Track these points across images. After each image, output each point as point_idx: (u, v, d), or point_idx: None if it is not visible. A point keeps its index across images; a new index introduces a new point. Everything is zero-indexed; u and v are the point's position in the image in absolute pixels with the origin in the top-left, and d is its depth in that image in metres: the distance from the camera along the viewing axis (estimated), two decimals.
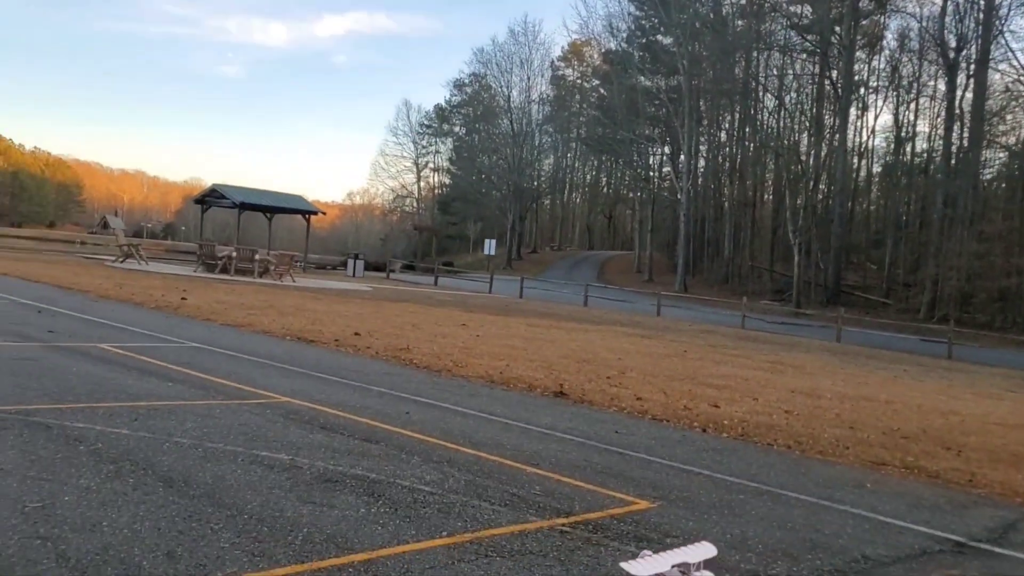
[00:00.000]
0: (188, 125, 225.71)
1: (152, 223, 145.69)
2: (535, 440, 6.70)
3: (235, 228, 49.03)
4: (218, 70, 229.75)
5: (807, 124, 57.44)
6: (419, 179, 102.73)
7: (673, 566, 3.89)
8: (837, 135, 53.07)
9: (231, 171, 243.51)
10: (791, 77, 57.92)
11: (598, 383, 10.24)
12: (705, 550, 4.02)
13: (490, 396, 8.80)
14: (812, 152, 54.93)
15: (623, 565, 3.52)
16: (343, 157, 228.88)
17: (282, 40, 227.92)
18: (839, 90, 52.28)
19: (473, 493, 4.86)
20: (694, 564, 3.86)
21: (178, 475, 4.61)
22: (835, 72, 52.97)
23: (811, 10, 54.57)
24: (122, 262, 31.09)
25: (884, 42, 56.45)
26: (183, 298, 17.09)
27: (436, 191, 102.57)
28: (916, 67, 54.25)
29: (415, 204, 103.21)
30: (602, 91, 77.71)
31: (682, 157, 60.50)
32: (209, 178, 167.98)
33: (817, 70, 55.44)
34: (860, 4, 52.04)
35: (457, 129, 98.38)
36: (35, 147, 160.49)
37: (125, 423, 5.75)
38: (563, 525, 4.42)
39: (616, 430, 7.55)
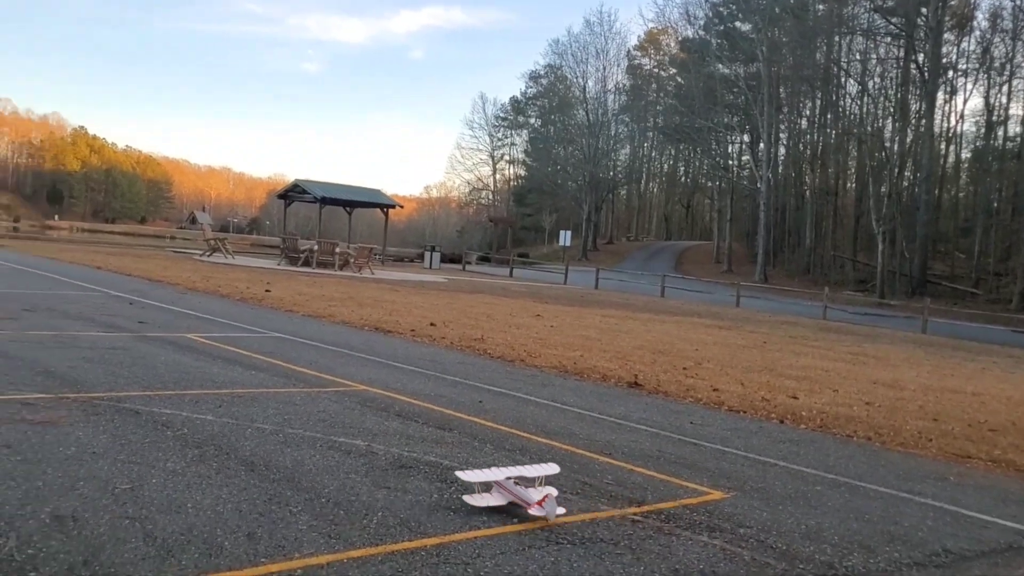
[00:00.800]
0: (271, 121, 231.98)
1: (238, 218, 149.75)
2: (608, 430, 6.70)
3: (317, 222, 50.06)
4: (299, 67, 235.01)
5: (891, 109, 55.77)
6: (495, 171, 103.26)
7: (509, 478, 3.97)
8: (923, 120, 51.41)
9: (313, 166, 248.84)
10: (875, 61, 56.31)
11: (674, 374, 10.17)
12: (549, 468, 4.12)
13: (563, 386, 8.82)
14: (897, 138, 53.35)
15: (458, 474, 3.62)
16: (420, 151, 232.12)
17: (360, 36, 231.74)
18: (925, 73, 50.63)
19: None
20: (536, 479, 3.97)
21: (259, 460, 4.76)
22: (921, 55, 51.30)
23: None
24: (209, 256, 32.03)
25: (974, 23, 54.41)
26: (267, 290, 17.54)
27: (511, 183, 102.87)
28: (1009, 48, 52.20)
29: (491, 196, 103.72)
30: (679, 80, 76.78)
31: (761, 145, 59.46)
32: (292, 173, 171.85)
33: (902, 53, 53.78)
34: None
35: (533, 121, 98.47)
36: (127, 145, 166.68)
37: (210, 409, 5.95)
38: (634, 514, 4.42)
39: (691, 421, 7.50)
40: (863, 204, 54.82)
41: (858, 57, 57.81)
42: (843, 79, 59.77)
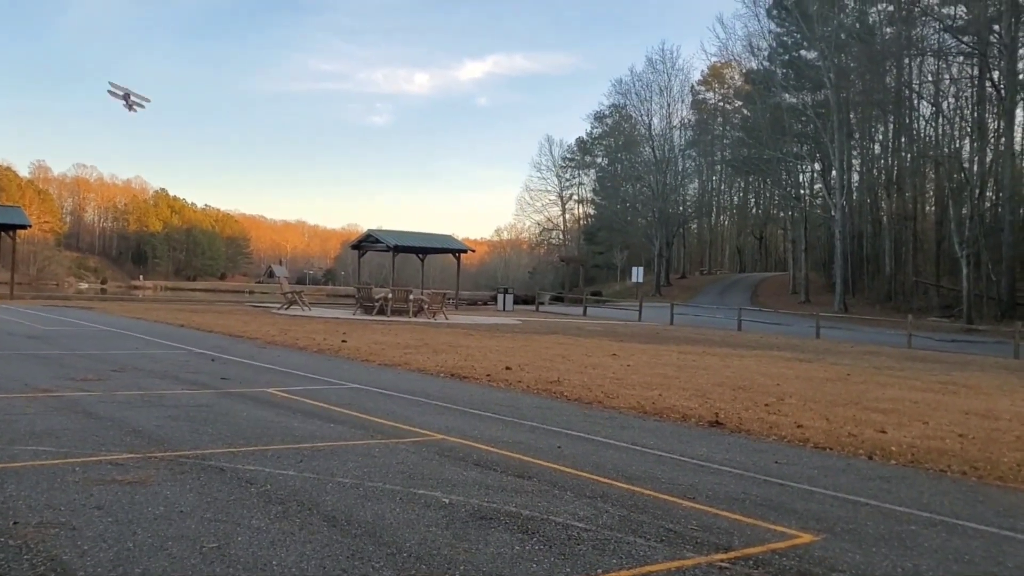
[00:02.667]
0: (343, 174, 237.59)
1: (313, 270, 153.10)
2: (690, 472, 6.56)
3: (390, 270, 50.80)
4: (368, 120, 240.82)
5: (968, 129, 54.27)
6: (564, 211, 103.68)
7: None
8: (1003, 138, 49.86)
9: (384, 215, 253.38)
10: (948, 82, 54.97)
11: (755, 411, 9.94)
12: None
13: (642, 428, 8.70)
14: (976, 158, 51.82)
15: None
16: (489, 195, 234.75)
17: (426, 87, 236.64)
18: (1002, 91, 49.22)
19: (628, 529, 4.80)
20: None
21: (341, 514, 4.79)
22: (996, 73, 49.90)
23: (965, 10, 51.71)
24: (287, 309, 32.71)
25: None
26: (343, 341, 17.80)
27: (581, 222, 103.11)
28: None
29: (561, 236, 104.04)
30: (745, 112, 76.20)
31: (833, 173, 58.44)
32: (364, 223, 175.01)
33: (976, 72, 52.36)
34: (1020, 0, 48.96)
35: (599, 160, 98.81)
36: (206, 204, 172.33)
37: (291, 464, 6.02)
38: (722, 561, 4.30)
39: (776, 460, 7.30)
40: (944, 227, 53.24)
41: (930, 78, 56.57)
42: (916, 101, 58.51)
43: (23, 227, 40.62)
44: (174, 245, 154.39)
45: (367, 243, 46.01)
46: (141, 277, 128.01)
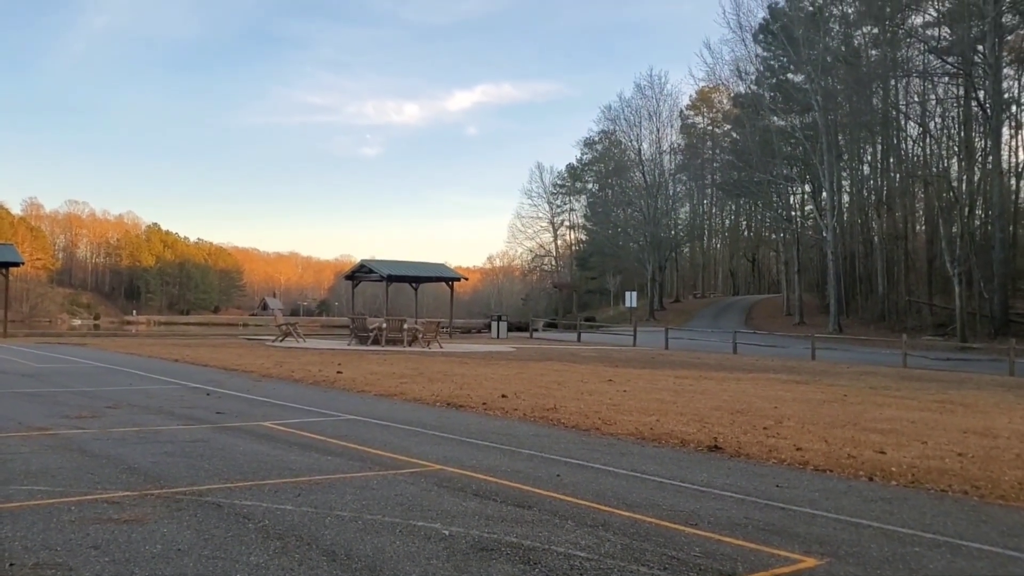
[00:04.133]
0: (335, 205, 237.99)
1: (307, 301, 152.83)
2: (691, 498, 6.52)
3: (384, 300, 50.79)
4: (359, 151, 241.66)
5: (956, 149, 54.66)
6: (555, 237, 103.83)
7: None
8: (990, 157, 50.21)
9: (377, 244, 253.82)
10: (934, 102, 55.37)
11: (754, 434, 9.91)
12: None
13: (641, 454, 8.66)
14: (964, 177, 52.12)
15: None
16: (481, 222, 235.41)
17: (416, 118, 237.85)
18: (988, 111, 49.61)
19: (631, 557, 4.77)
20: None
21: (340, 548, 4.74)
22: (982, 92, 50.33)
23: (949, 32, 52.26)
24: (281, 341, 32.60)
25: None
26: (338, 372, 17.74)
27: (573, 248, 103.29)
28: None
29: (553, 262, 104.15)
30: (734, 135, 76.57)
31: (824, 194, 58.70)
32: (357, 254, 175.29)
33: (962, 92, 52.79)
34: (1003, 20, 49.46)
35: (590, 186, 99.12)
36: (199, 238, 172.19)
37: (289, 499, 5.97)
38: None
39: (776, 484, 7.27)
40: (935, 246, 53.46)
41: (916, 99, 56.98)
42: (903, 122, 58.89)
43: (16, 264, 40.46)
44: (167, 279, 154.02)
45: (361, 273, 46.01)
46: (135, 312, 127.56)
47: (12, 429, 9.15)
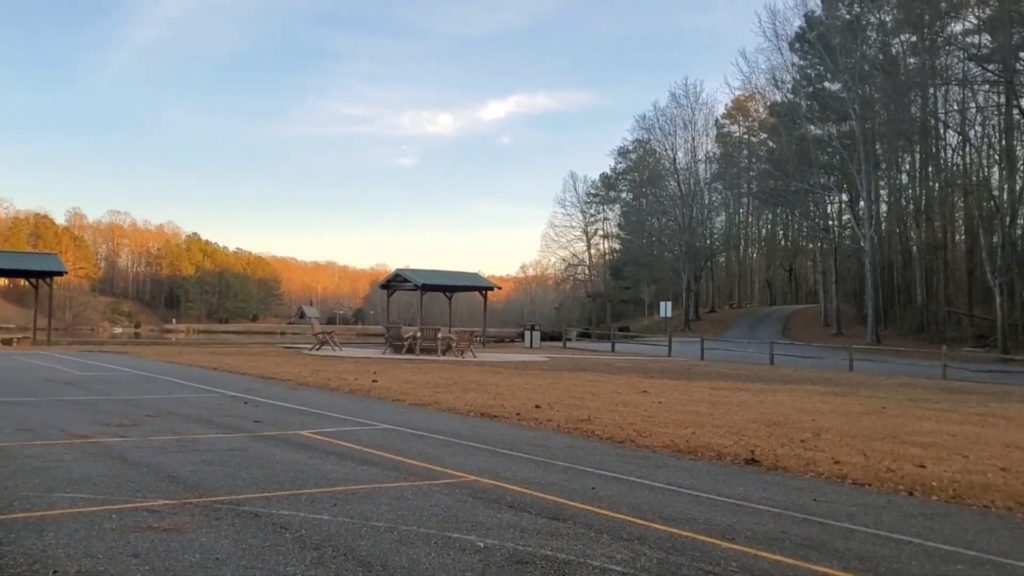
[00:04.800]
0: (371, 214, 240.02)
1: (343, 309, 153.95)
2: (728, 512, 6.47)
3: (418, 308, 51.01)
4: (395, 161, 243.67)
5: (996, 157, 53.82)
6: (589, 246, 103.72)
7: None
8: None
9: (412, 254, 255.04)
10: (974, 110, 54.57)
11: (791, 447, 9.81)
12: None
13: (677, 467, 8.61)
14: (1006, 186, 51.29)
15: None
16: (514, 231, 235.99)
17: (450, 128, 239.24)
18: None
19: (667, 571, 4.74)
20: None
21: (376, 560, 4.76)
22: (1023, 100, 49.53)
23: (990, 39, 51.47)
24: (318, 349, 32.87)
25: None
26: (374, 380, 17.84)
27: (607, 257, 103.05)
28: None
29: (586, 271, 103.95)
30: (771, 144, 76.06)
31: (861, 203, 58.05)
32: (393, 263, 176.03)
33: (1003, 100, 52.00)
34: None
35: (624, 195, 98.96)
36: (238, 248, 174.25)
37: (326, 508, 6.02)
38: None
39: (814, 498, 7.19)
40: (975, 256, 52.61)
41: (956, 107, 56.20)
42: (942, 130, 58.10)
43: (59, 274, 41.27)
44: (206, 288, 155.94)
45: (396, 282, 46.33)
46: (174, 321, 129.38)
47: (55, 437, 9.31)
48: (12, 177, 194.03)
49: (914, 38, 58.85)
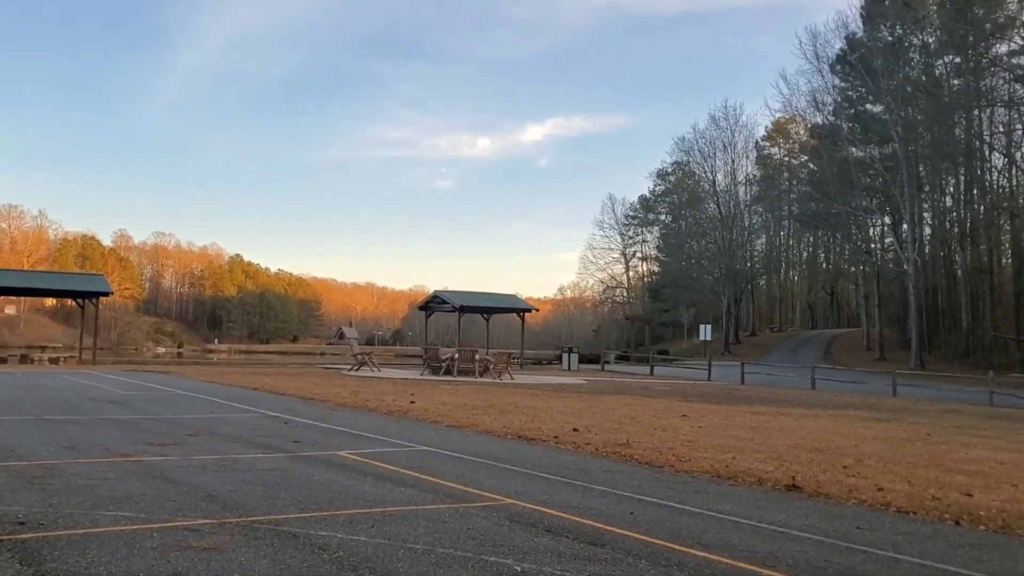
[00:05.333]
0: (410, 236, 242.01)
1: (382, 331, 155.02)
2: (768, 539, 6.37)
3: (456, 330, 51.17)
4: (433, 184, 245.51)
5: None
6: (627, 269, 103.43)
7: None
8: None
9: (450, 275, 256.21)
10: (1020, 132, 53.75)
11: (833, 473, 9.65)
12: None
13: (716, 492, 8.50)
14: None
15: None
16: (552, 253, 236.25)
17: (488, 151, 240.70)
18: None
19: None
20: None
21: None
22: None
23: None
24: (357, 370, 33.07)
25: None
26: (411, 402, 17.89)
27: (645, 279, 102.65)
28: None
29: (625, 294, 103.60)
30: (811, 166, 75.39)
31: (904, 226, 57.24)
32: (430, 284, 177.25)
33: None
34: None
35: (663, 217, 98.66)
36: (279, 269, 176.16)
37: (364, 530, 6.03)
38: None
39: (857, 525, 7.05)
40: (1022, 280, 51.59)
41: (1001, 129, 55.39)
42: (987, 152, 57.26)
43: (105, 294, 42.06)
44: (248, 309, 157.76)
45: (434, 304, 46.54)
46: (216, 341, 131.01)
47: (99, 455, 9.45)
48: (61, 199, 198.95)
49: (958, 59, 58.17)
